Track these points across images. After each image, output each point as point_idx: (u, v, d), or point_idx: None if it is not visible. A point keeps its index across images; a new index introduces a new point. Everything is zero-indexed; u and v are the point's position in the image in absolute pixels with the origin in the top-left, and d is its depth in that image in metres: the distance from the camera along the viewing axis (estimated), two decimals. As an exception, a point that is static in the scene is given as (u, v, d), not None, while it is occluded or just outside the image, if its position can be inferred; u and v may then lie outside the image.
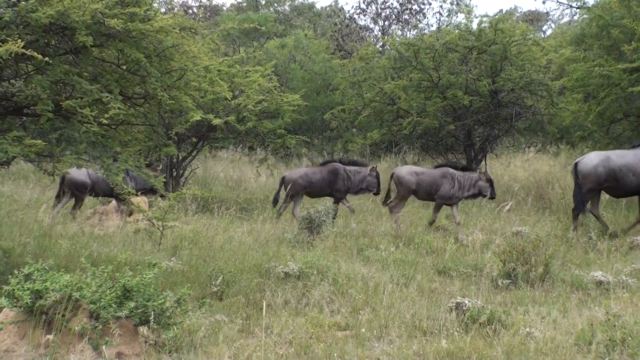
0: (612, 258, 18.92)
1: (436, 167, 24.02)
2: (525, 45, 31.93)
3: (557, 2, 53.14)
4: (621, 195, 23.10)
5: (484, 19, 32.80)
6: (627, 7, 28.41)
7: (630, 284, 16.18)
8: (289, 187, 24.13)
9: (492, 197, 23.03)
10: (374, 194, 24.83)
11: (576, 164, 23.09)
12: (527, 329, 13.04)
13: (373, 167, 24.43)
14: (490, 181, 22.83)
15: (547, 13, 58.28)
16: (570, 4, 51.86)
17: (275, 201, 24.71)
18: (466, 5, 43.80)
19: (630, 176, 21.88)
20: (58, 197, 23.47)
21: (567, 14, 54.38)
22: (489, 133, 32.59)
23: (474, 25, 32.97)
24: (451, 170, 23.02)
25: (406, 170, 23.45)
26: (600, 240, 20.36)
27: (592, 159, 22.69)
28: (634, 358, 11.73)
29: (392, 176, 23.75)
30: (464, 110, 31.14)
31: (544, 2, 54.07)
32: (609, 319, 13.14)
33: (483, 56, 31.46)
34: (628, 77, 26.60)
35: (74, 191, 22.90)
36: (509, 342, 12.46)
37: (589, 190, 22.50)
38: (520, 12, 59.34)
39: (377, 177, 24.46)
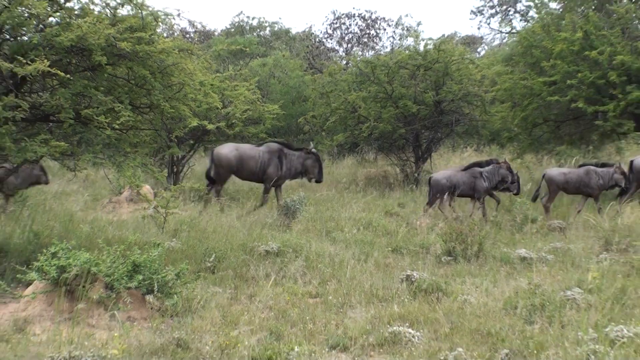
0: (534, 238, 18.98)
1: (579, 166, 23.87)
2: (463, 64, 32.01)
3: (490, 28, 53.30)
4: None
5: (429, 41, 33.02)
6: (547, 32, 28.61)
7: (548, 259, 16.22)
8: None
9: (627, 189, 23.08)
10: (515, 194, 23.61)
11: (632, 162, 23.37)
12: (464, 296, 13.10)
13: (504, 161, 23.45)
14: (623, 174, 22.82)
15: (482, 37, 58.36)
16: (501, 29, 52.16)
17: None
18: (414, 31, 43.92)
19: None
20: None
21: (497, 38, 54.56)
22: (433, 136, 32.66)
23: (421, 47, 33.10)
24: (592, 167, 23.01)
25: (556, 172, 23.30)
26: (524, 224, 20.45)
27: None
28: (551, 319, 11.76)
29: (543, 176, 23.63)
30: (412, 117, 31.15)
31: (479, 28, 54.33)
32: (531, 288, 13.20)
33: (428, 72, 31.49)
34: (547, 89, 26.82)
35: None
36: (449, 306, 12.51)
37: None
38: (459, 36, 59.28)
39: (517, 178, 23.71)
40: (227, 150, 24.24)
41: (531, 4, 39.25)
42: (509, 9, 52.87)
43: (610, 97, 25.87)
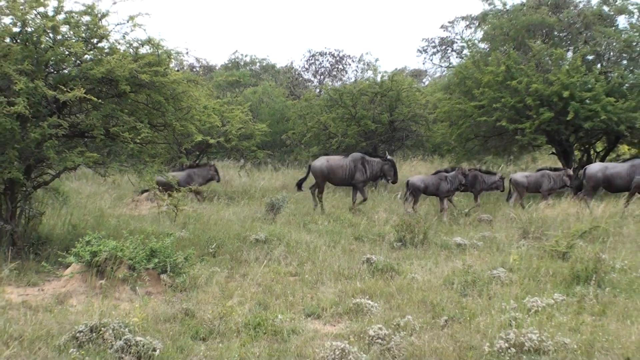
0: (467, 229, 19.02)
1: (537, 170, 23.79)
2: (411, 91, 32.29)
3: (433, 63, 53.36)
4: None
5: (385, 74, 33.60)
6: (477, 66, 28.75)
7: (479, 245, 16.23)
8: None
9: (572, 188, 23.33)
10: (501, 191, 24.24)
11: None
12: (412, 275, 13.08)
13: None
14: (570, 176, 22.85)
15: (426, 70, 58.43)
16: (441, 64, 52.20)
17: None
18: (373, 65, 43.74)
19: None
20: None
21: (438, 71, 54.54)
22: (388, 148, 32.67)
23: (378, 78, 33.30)
24: (547, 171, 23.04)
25: (520, 176, 23.11)
26: (459, 217, 20.52)
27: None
28: (481, 293, 11.78)
29: (510, 180, 23.46)
30: (371, 133, 31.28)
31: (424, 63, 54.23)
32: (465, 268, 13.29)
33: (384, 98, 31.66)
34: (477, 111, 26.96)
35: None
36: (400, 283, 12.48)
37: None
38: (408, 69, 59.33)
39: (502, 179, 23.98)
40: (320, 162, 24.02)
41: (464, 44, 39.59)
42: (447, 48, 52.94)
43: (527, 117, 26.01)
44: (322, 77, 57.11)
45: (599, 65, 28.82)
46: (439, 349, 8.87)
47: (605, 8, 30.29)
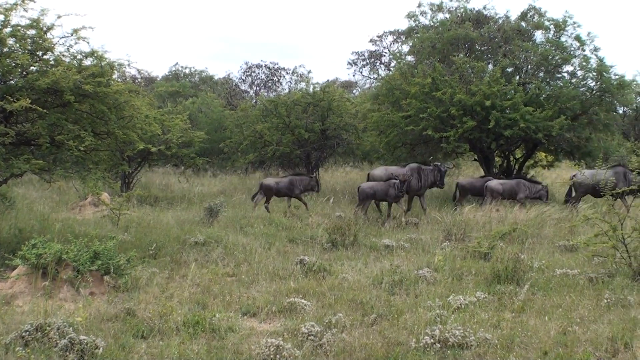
0: (395, 231, 19.14)
1: (512, 178, 24.11)
2: (342, 102, 32.29)
3: (362, 75, 53.63)
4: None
5: (317, 85, 33.34)
6: (404, 78, 28.86)
7: (406, 246, 16.34)
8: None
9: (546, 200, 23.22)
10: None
11: None
12: (343, 275, 13.15)
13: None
14: (546, 189, 23.27)
15: (356, 82, 58.60)
16: (370, 76, 52.43)
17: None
18: (306, 77, 43.90)
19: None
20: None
21: (368, 82, 54.75)
22: (320, 155, 32.74)
23: (311, 89, 33.20)
24: (522, 180, 23.30)
25: (495, 183, 23.24)
26: (387, 221, 20.63)
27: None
28: (408, 291, 11.89)
29: (485, 187, 23.61)
30: (305, 142, 31.20)
31: (354, 75, 54.28)
32: (393, 268, 13.43)
33: (316, 108, 31.63)
34: (404, 121, 26.99)
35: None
36: (331, 282, 12.56)
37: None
38: (339, 81, 59.53)
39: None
40: (379, 171, 24.43)
41: (392, 57, 39.81)
42: (376, 61, 53.26)
43: (452, 126, 26.19)
44: (258, 88, 57.03)
45: (517, 77, 29.20)
46: (368, 345, 8.95)
47: (523, 24, 30.68)
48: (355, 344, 8.95)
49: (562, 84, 28.80)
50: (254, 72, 57.46)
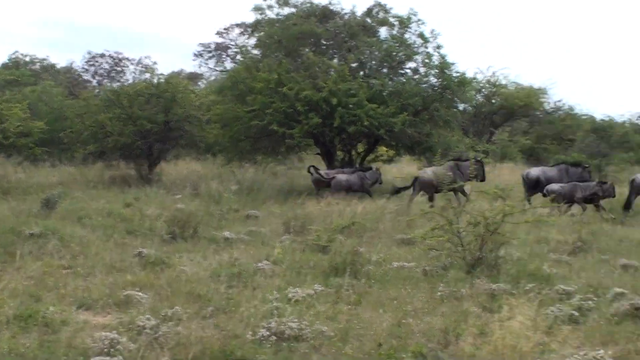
0: (235, 224, 19.13)
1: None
2: (186, 93, 32.09)
3: (208, 67, 53.43)
4: None
5: (161, 76, 33.22)
6: (249, 72, 28.89)
7: (245, 239, 16.39)
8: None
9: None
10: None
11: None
12: (181, 267, 13.00)
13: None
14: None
15: (202, 74, 58.27)
16: (216, 68, 52.30)
17: None
18: (151, 68, 43.45)
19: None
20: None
21: (214, 75, 54.58)
22: (162, 147, 32.42)
23: (155, 80, 32.84)
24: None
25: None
26: (228, 213, 20.60)
27: None
28: (246, 284, 11.89)
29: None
30: (147, 133, 30.75)
31: (200, 67, 54.08)
32: (232, 261, 13.44)
33: (160, 99, 31.27)
34: (249, 115, 27.04)
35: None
36: (170, 275, 12.39)
37: None
38: (185, 72, 58.97)
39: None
40: (427, 173, 24.47)
41: (238, 50, 39.84)
42: (222, 53, 53.18)
43: (297, 121, 26.39)
44: (101, 78, 56.06)
45: (362, 73, 29.70)
46: (204, 338, 8.87)
47: (369, 20, 31.28)
48: (191, 337, 8.86)
49: (405, 81, 29.51)
50: (97, 61, 56.52)
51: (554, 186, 23.44)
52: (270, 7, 32.50)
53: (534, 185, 25.29)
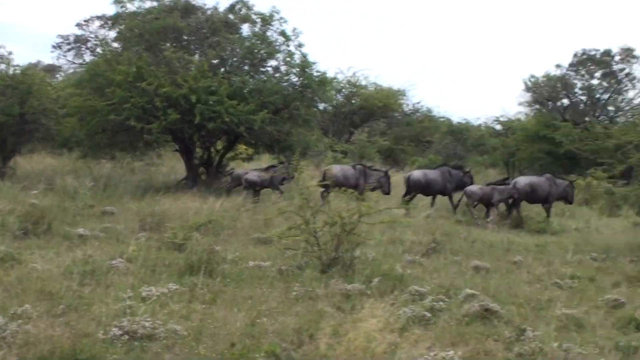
0: (91, 220, 18.83)
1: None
2: (43, 86, 31.41)
3: (67, 59, 52.25)
4: None
5: (17, 67, 32.52)
6: (109, 64, 28.42)
7: (100, 236, 16.19)
8: None
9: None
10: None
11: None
12: (33, 264, 12.71)
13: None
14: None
15: (61, 66, 56.78)
16: (74, 61, 51.25)
17: None
18: (7, 59, 42.09)
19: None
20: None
21: (72, 67, 53.32)
22: (18, 140, 31.54)
23: (11, 71, 31.95)
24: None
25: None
26: (83, 209, 20.21)
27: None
28: (99, 282, 11.76)
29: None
30: (1, 125, 29.88)
31: (58, 59, 52.65)
32: (85, 258, 13.21)
33: (15, 91, 30.40)
34: (108, 109, 26.58)
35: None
36: (20, 272, 12.09)
37: None
38: (43, 64, 57.36)
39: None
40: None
41: (98, 43, 39.19)
42: (82, 46, 52.09)
43: (155, 117, 26.15)
44: None
45: (222, 70, 29.64)
46: (54, 337, 8.72)
47: (231, 16, 31.19)
48: (40, 336, 8.70)
49: (266, 78, 29.62)
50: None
51: (474, 188, 24.83)
52: (131, -1, 32.07)
53: (416, 187, 26.41)
